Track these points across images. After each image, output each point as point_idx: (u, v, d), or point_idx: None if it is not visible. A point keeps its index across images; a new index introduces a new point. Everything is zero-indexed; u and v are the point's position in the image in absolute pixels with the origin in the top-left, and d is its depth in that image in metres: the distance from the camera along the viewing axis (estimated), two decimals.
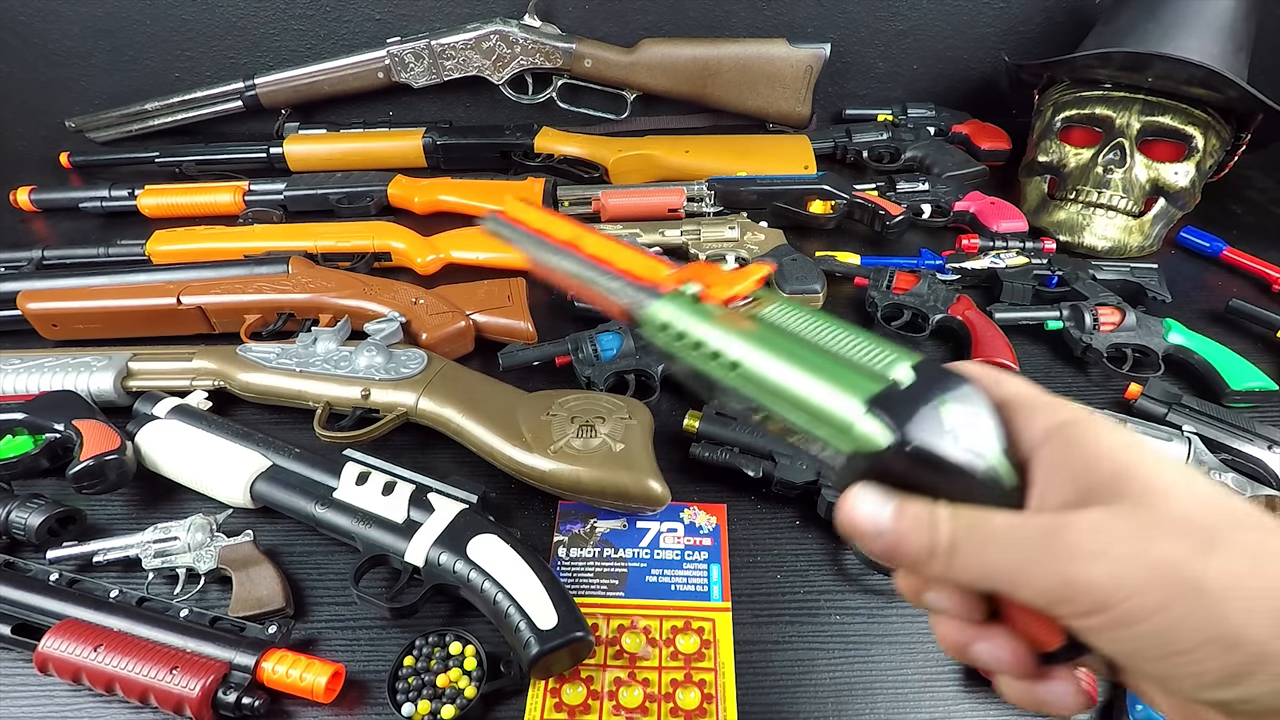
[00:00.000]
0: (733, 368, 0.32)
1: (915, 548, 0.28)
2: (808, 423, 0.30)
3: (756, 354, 0.32)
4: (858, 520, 0.29)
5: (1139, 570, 0.24)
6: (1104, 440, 0.27)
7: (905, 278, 0.81)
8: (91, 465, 0.59)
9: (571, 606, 0.50)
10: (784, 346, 0.32)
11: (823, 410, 0.29)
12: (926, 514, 0.28)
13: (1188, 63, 0.81)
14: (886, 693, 0.52)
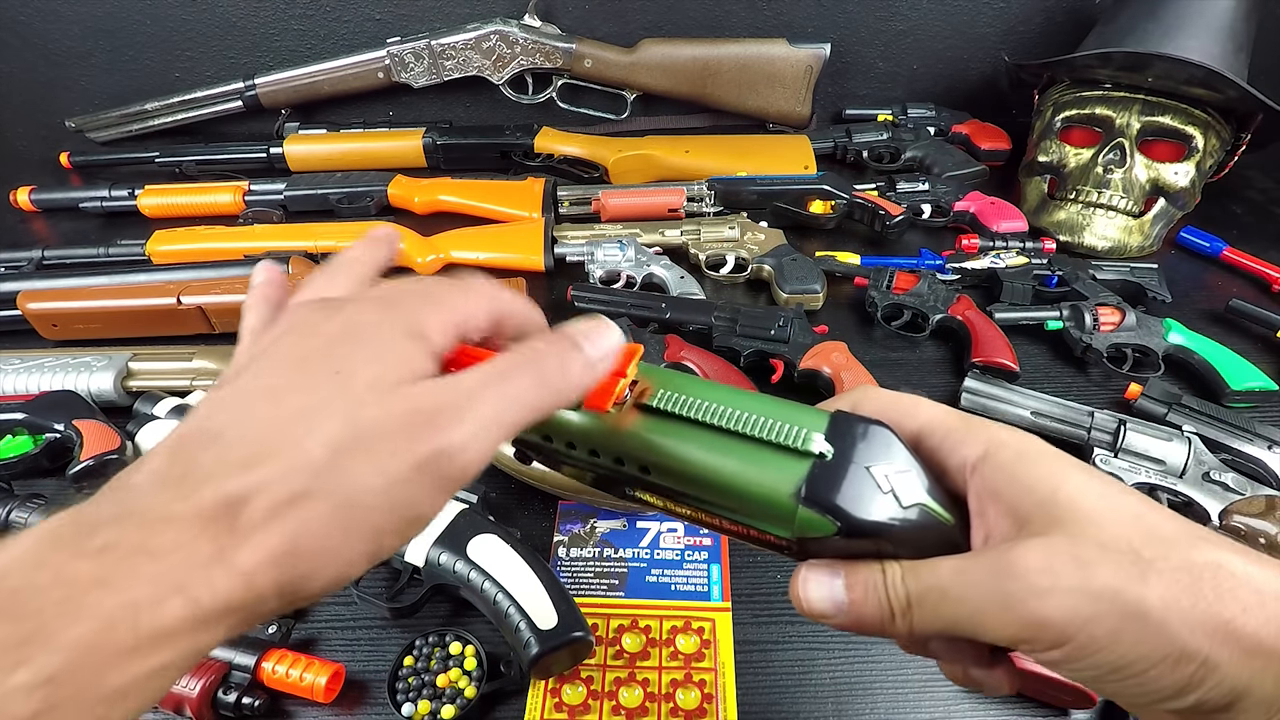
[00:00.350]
0: (643, 471, 0.29)
1: (876, 616, 0.28)
2: (741, 518, 0.29)
3: (663, 455, 0.29)
4: (813, 604, 0.29)
5: (1087, 602, 0.24)
6: (1029, 466, 0.28)
7: (905, 278, 0.81)
8: (91, 465, 0.59)
9: (571, 606, 0.50)
10: (690, 441, 0.29)
11: (752, 508, 0.28)
12: (878, 580, 0.28)
13: (1188, 63, 0.81)
14: (886, 693, 0.52)
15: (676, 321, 0.76)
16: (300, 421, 0.23)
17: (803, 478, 0.27)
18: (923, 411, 0.30)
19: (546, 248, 0.86)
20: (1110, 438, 0.64)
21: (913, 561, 0.28)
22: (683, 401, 0.29)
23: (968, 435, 0.29)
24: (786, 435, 0.28)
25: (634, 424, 0.29)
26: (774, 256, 0.85)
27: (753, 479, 0.28)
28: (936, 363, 0.78)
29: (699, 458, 0.28)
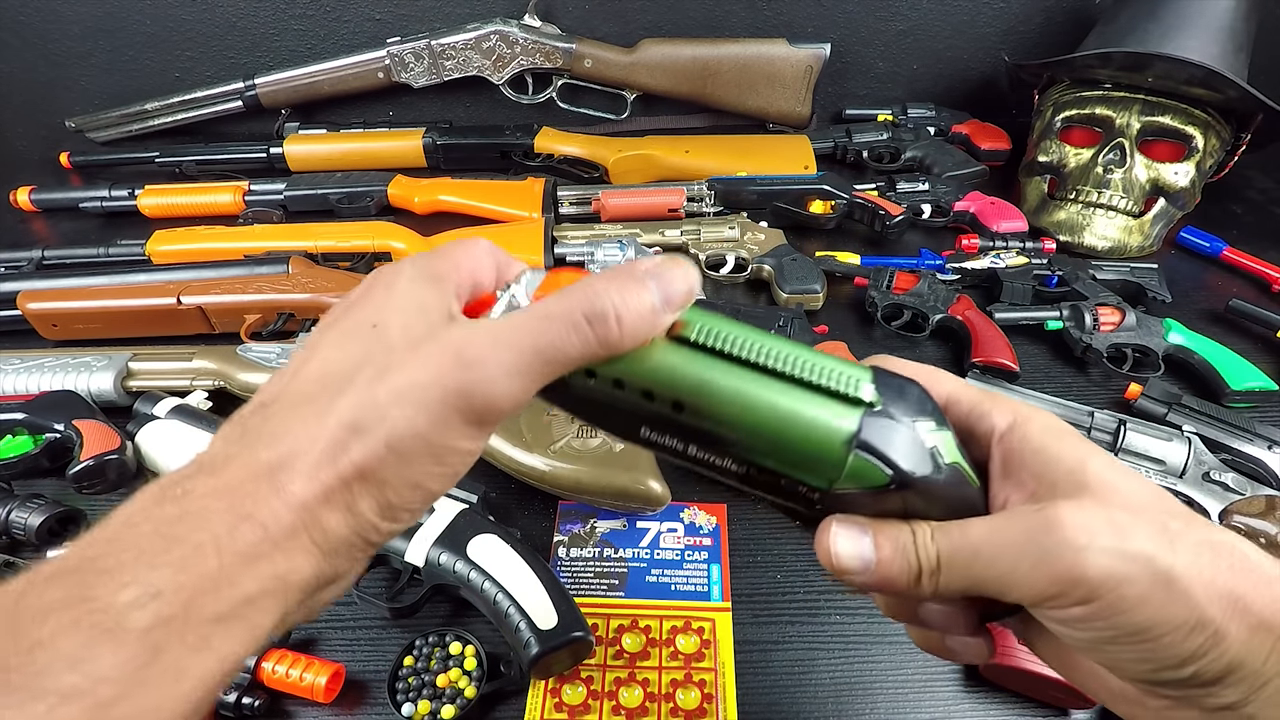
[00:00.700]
0: (676, 409, 0.27)
1: (904, 576, 0.28)
2: (780, 464, 0.27)
3: (704, 391, 0.26)
4: (842, 560, 0.29)
5: (1122, 563, 0.25)
6: (1056, 439, 0.28)
7: (905, 278, 0.81)
8: (91, 465, 0.59)
9: (571, 606, 0.50)
10: (734, 378, 0.27)
11: (798, 453, 0.27)
12: (907, 539, 0.28)
13: (1188, 63, 0.81)
14: (886, 693, 0.52)
15: None
16: (342, 376, 0.25)
17: (857, 424, 0.27)
18: (945, 382, 0.31)
19: (546, 248, 0.86)
20: (1110, 438, 0.64)
21: (941, 522, 0.28)
22: (725, 336, 0.27)
23: (994, 406, 0.30)
24: (837, 380, 0.27)
25: (670, 355, 0.27)
26: (774, 256, 0.85)
27: (805, 421, 0.27)
28: (936, 363, 0.77)
29: (745, 396, 0.26)
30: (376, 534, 0.26)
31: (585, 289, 0.26)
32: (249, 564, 0.23)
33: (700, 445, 0.28)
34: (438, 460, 0.25)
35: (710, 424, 0.27)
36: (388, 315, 0.26)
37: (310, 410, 0.25)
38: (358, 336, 0.26)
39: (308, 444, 0.24)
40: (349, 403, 0.25)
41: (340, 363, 0.26)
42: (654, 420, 0.27)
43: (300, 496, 0.24)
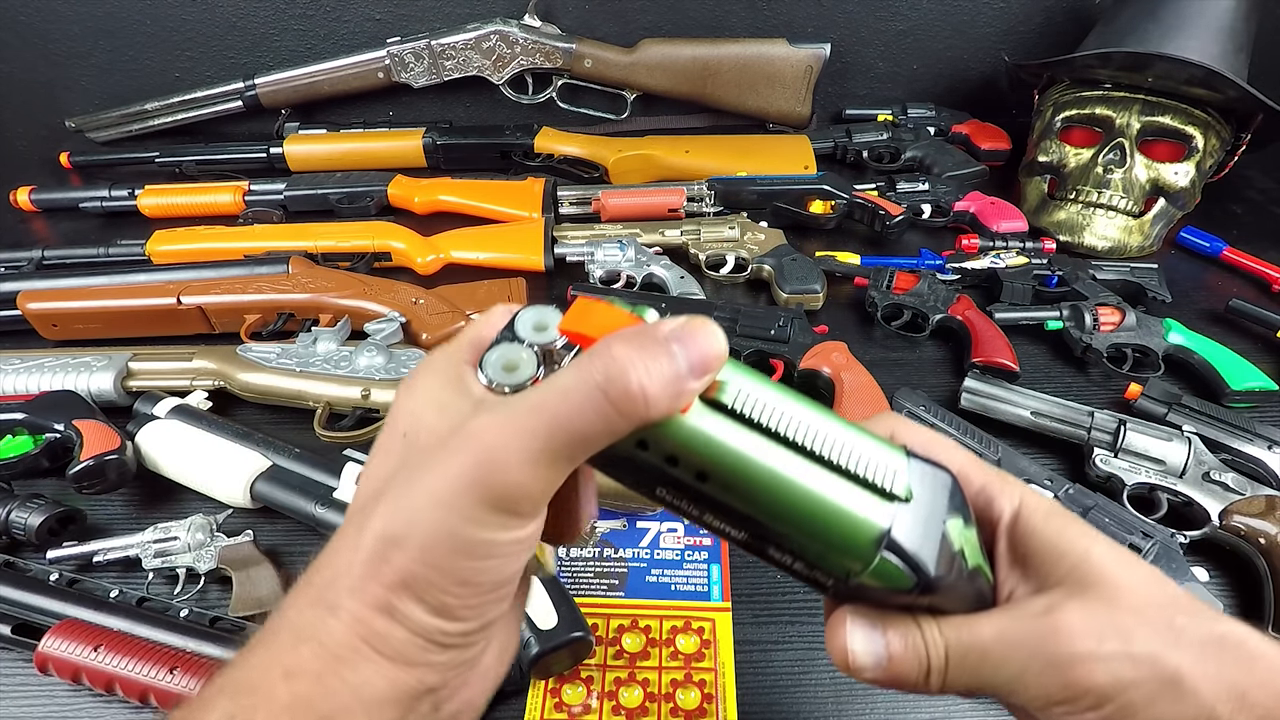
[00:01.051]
0: (699, 479, 0.25)
1: (914, 674, 0.28)
2: (802, 551, 0.26)
3: (732, 466, 0.24)
4: (858, 659, 0.29)
5: (1129, 667, 0.25)
6: (1060, 529, 0.28)
7: (905, 278, 0.81)
8: (91, 465, 0.59)
9: (571, 606, 0.50)
10: (766, 455, 0.25)
11: (823, 545, 0.26)
12: (917, 638, 0.28)
13: (1188, 63, 0.81)
14: (886, 693, 0.52)
15: None
16: (377, 490, 0.26)
17: (889, 522, 0.25)
18: (956, 458, 0.30)
19: (546, 248, 0.86)
20: (1110, 438, 0.64)
21: (950, 618, 0.28)
22: (761, 406, 0.25)
23: (1002, 490, 0.29)
24: (873, 471, 0.25)
25: (701, 422, 0.24)
26: (774, 256, 0.85)
27: (836, 512, 0.25)
28: (936, 363, 0.78)
29: (776, 477, 0.25)
30: (444, 636, 0.25)
31: (604, 358, 0.23)
32: (317, 682, 0.24)
33: (718, 515, 0.26)
34: (479, 556, 0.24)
35: (734, 499, 0.25)
36: (415, 421, 0.26)
37: (351, 529, 0.25)
38: (391, 450, 0.26)
39: (349, 562, 0.25)
40: (382, 514, 0.24)
41: (376, 478, 0.26)
42: (673, 484, 0.25)
43: (352, 611, 0.24)
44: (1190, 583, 0.54)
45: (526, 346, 0.26)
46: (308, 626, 0.25)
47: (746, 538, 0.27)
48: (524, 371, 0.25)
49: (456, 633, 0.25)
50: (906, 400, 0.67)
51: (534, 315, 0.27)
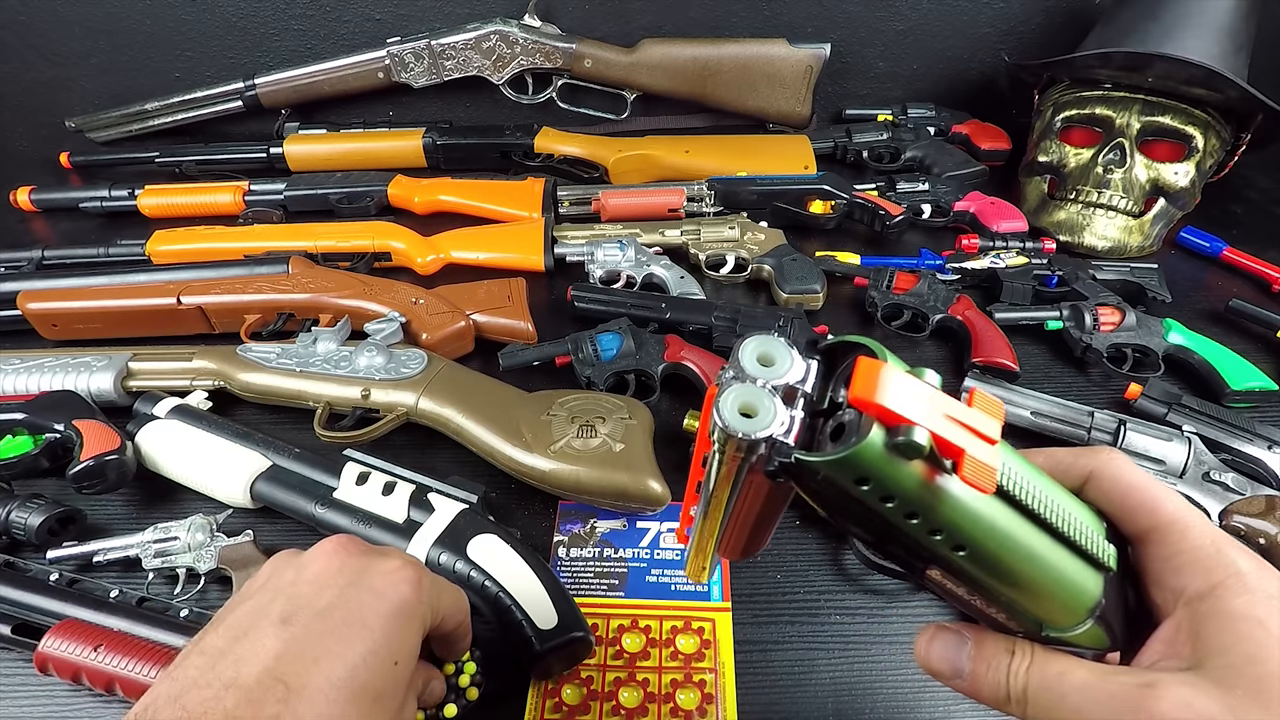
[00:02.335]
0: (955, 550, 0.25)
1: (991, 694, 0.28)
2: (1018, 611, 0.27)
3: (994, 538, 0.25)
4: (933, 663, 0.29)
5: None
6: (1246, 624, 0.26)
7: (905, 278, 0.81)
8: (91, 465, 0.59)
9: (571, 606, 0.50)
10: (1013, 528, 0.25)
11: (1041, 609, 0.27)
12: (1005, 660, 0.27)
13: (1188, 63, 0.81)
14: (886, 693, 0.52)
15: (676, 321, 0.76)
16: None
17: (1101, 593, 0.26)
18: (1167, 511, 0.29)
19: (546, 248, 0.86)
20: (1110, 438, 0.64)
21: (1045, 652, 0.27)
22: (1021, 483, 0.25)
23: (1203, 564, 0.27)
24: (1089, 541, 0.26)
25: (970, 498, 0.25)
26: (774, 256, 0.85)
27: (1061, 587, 0.26)
28: (936, 363, 0.78)
29: (1022, 551, 0.25)
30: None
31: None
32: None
33: (952, 576, 0.26)
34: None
35: (977, 567, 0.26)
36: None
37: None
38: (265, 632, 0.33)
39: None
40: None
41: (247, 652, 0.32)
42: (928, 553, 0.26)
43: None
44: None
45: (761, 387, 0.25)
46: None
47: (969, 595, 0.27)
48: (764, 418, 0.24)
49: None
50: None
51: (758, 348, 0.26)
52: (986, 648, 0.28)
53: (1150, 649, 0.27)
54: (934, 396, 0.24)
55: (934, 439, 0.23)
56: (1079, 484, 0.30)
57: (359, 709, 0.31)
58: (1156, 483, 0.29)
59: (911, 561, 0.27)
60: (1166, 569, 0.28)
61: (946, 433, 0.24)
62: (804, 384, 0.25)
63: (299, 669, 0.31)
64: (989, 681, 0.28)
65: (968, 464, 0.23)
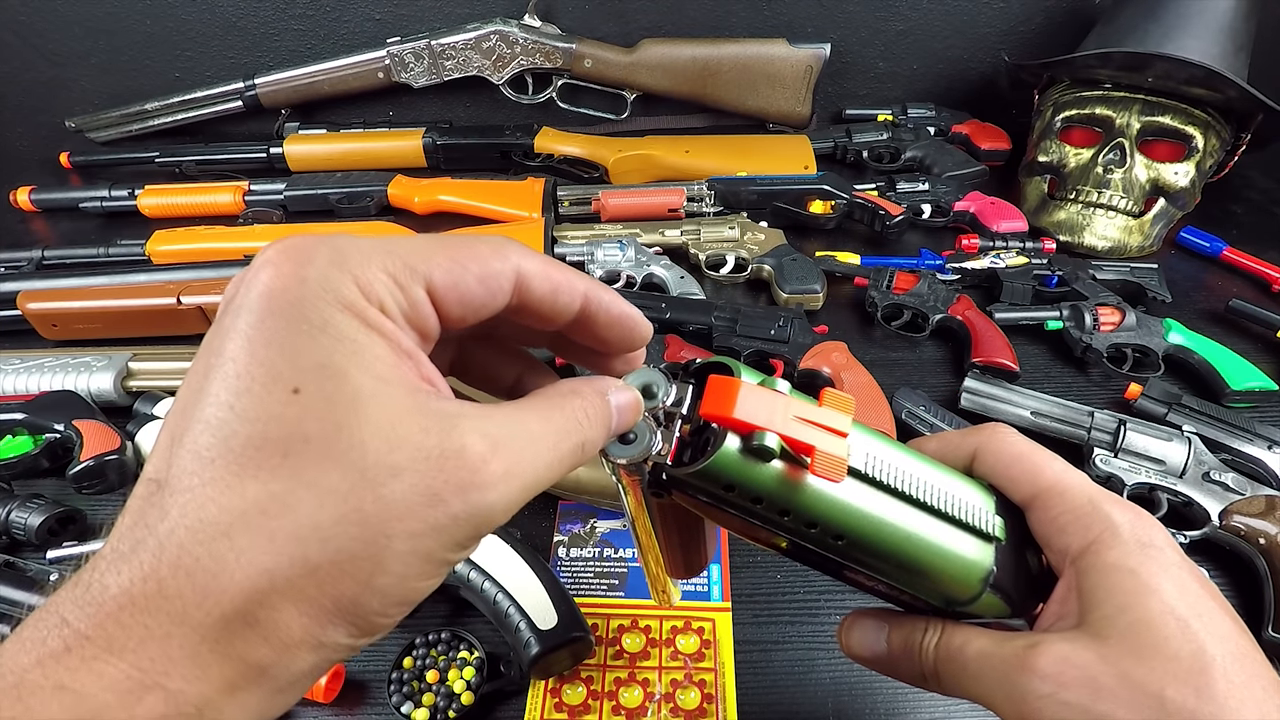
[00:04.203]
0: (836, 539, 0.27)
1: (909, 673, 0.29)
2: (914, 590, 0.29)
3: (865, 524, 0.27)
4: (853, 649, 0.31)
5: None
6: (1123, 576, 0.26)
7: (905, 278, 0.81)
8: (91, 465, 0.59)
9: (571, 606, 0.50)
10: (888, 512, 0.27)
11: (936, 586, 0.28)
12: (917, 638, 0.29)
13: (1188, 63, 0.81)
14: (886, 693, 0.52)
15: (676, 321, 0.76)
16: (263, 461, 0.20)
17: (992, 563, 0.28)
18: (1047, 476, 0.30)
19: (546, 248, 0.86)
20: (1110, 438, 0.64)
21: (951, 628, 0.29)
22: (885, 468, 0.27)
23: (1081, 520, 0.28)
24: (974, 515, 0.28)
25: (836, 488, 0.27)
26: (774, 256, 0.85)
27: (949, 562, 0.28)
28: (936, 363, 0.77)
29: (901, 531, 0.27)
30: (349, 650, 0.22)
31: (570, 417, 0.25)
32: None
33: (843, 559, 0.28)
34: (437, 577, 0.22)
35: (863, 552, 0.27)
36: (337, 398, 0.20)
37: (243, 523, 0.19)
38: (272, 401, 0.20)
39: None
40: (310, 530, 0.19)
41: (247, 423, 0.19)
42: (814, 543, 0.27)
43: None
44: None
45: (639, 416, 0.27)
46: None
47: (863, 578, 0.29)
48: (641, 441, 0.27)
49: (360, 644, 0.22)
50: (906, 400, 0.67)
51: (638, 380, 0.28)
52: (902, 629, 0.30)
53: (1047, 611, 0.29)
54: (784, 402, 0.26)
55: (784, 440, 0.25)
56: (967, 462, 0.31)
57: (255, 462, 0.19)
58: (1039, 450, 0.30)
59: (809, 559, 0.29)
60: (1052, 531, 0.29)
61: (796, 433, 0.25)
62: (680, 407, 0.27)
63: (168, 457, 0.20)
64: (905, 661, 0.29)
65: (818, 458, 0.25)
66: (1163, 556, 0.27)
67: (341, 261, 0.21)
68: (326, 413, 0.20)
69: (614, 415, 0.26)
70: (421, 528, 0.20)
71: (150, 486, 0.20)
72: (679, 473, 0.26)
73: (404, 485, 0.20)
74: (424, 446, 0.20)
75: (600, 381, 0.26)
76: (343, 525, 0.19)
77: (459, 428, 0.21)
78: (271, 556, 0.19)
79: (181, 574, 0.19)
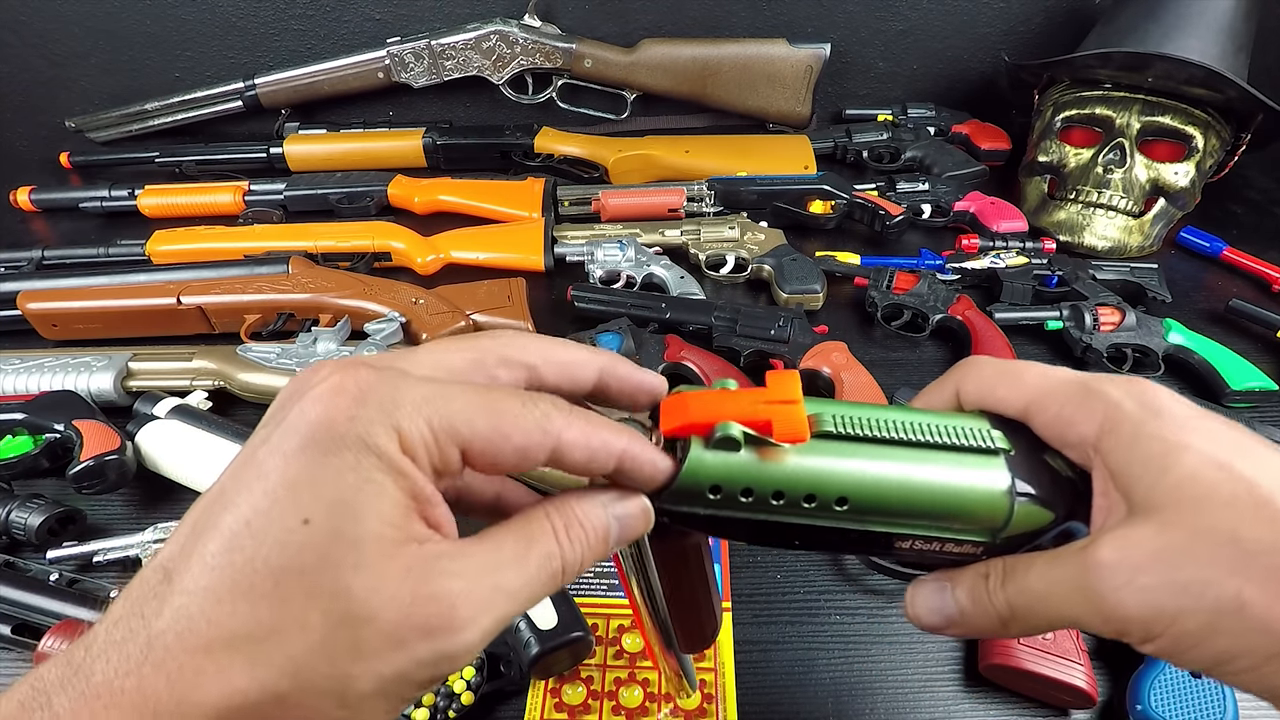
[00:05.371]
0: (840, 506, 0.26)
1: (987, 624, 0.27)
2: (943, 531, 0.27)
3: (860, 479, 0.26)
4: (922, 619, 0.28)
5: (1170, 596, 0.23)
6: (1144, 445, 0.25)
7: (905, 278, 0.81)
8: (91, 465, 0.59)
9: (571, 606, 0.50)
10: (881, 459, 0.26)
11: (962, 515, 0.27)
12: (982, 586, 0.27)
13: (1188, 63, 0.81)
14: (886, 693, 0.52)
15: (676, 321, 0.76)
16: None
17: (1007, 473, 0.27)
18: (1031, 381, 0.28)
19: (546, 248, 0.86)
20: None
21: (1011, 562, 0.27)
22: (858, 420, 0.27)
23: (1082, 407, 0.27)
24: (969, 436, 0.27)
25: (819, 455, 0.26)
26: (774, 256, 0.85)
27: (962, 484, 0.26)
28: (937, 363, 0.78)
29: (900, 474, 0.26)
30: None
31: (545, 544, 0.25)
32: None
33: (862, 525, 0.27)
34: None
35: (873, 505, 0.26)
36: (342, 533, 0.21)
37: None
38: (288, 542, 0.21)
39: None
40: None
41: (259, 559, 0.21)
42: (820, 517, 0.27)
43: None
44: None
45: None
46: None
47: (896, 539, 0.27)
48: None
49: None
50: (906, 400, 0.67)
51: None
52: (964, 581, 0.28)
53: (1095, 510, 0.27)
54: (732, 396, 0.26)
55: (743, 423, 0.25)
56: (954, 403, 0.31)
57: (250, 584, 0.20)
58: (1015, 363, 0.30)
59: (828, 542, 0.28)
60: (1060, 430, 0.28)
61: (751, 414, 0.25)
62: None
63: (182, 549, 0.21)
64: (975, 613, 0.27)
65: (776, 425, 0.25)
66: (1177, 413, 0.26)
67: (393, 409, 0.22)
68: (327, 550, 0.21)
69: (614, 529, 0.26)
70: (388, 671, 0.21)
71: (159, 574, 0.21)
72: (665, 499, 0.26)
73: (375, 630, 0.21)
74: (400, 593, 0.21)
75: (589, 500, 0.26)
76: (314, 661, 0.21)
77: (438, 570, 0.22)
78: (246, 679, 0.20)
79: (162, 677, 0.20)
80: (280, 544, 0.21)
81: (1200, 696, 0.47)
